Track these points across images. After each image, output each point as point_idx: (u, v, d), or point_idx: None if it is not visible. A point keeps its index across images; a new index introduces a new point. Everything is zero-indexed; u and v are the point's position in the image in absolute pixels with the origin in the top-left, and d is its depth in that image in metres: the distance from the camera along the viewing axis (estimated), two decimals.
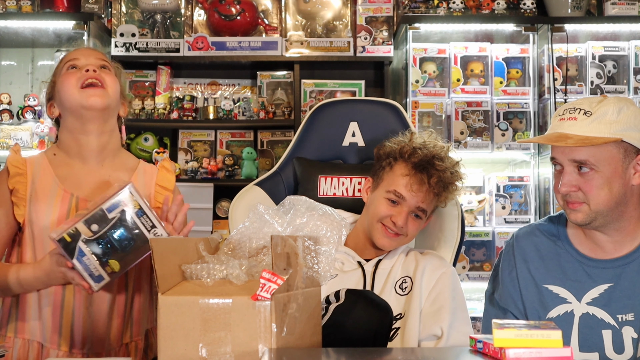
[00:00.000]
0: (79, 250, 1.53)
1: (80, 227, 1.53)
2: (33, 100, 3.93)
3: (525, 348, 1.10)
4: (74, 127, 1.83)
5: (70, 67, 1.84)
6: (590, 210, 1.65)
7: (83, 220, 1.54)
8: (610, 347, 1.69)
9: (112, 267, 1.57)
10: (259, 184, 2.16)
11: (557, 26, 3.79)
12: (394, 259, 1.91)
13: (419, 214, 1.86)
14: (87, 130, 1.83)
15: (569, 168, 1.65)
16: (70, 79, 1.81)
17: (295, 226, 1.37)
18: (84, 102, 1.79)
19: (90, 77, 1.80)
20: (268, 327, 1.19)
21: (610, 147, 1.62)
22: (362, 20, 3.99)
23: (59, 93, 1.84)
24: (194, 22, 4.09)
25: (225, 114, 3.95)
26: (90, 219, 1.55)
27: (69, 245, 1.53)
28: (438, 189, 1.84)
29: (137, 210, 1.57)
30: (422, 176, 1.83)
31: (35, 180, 1.79)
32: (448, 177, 1.85)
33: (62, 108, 1.85)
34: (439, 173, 1.83)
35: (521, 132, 3.89)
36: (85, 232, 1.54)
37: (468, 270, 3.82)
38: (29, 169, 1.80)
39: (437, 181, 1.83)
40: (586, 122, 1.62)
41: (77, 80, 1.80)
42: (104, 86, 1.81)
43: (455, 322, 1.80)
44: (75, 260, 1.54)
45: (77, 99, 1.79)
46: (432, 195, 1.85)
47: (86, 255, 1.54)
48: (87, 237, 1.54)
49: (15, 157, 1.81)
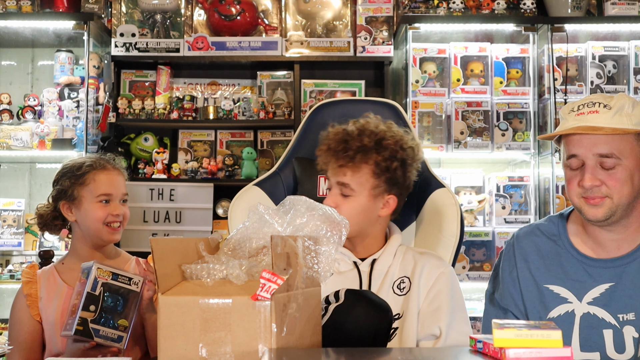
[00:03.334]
0: (93, 330, 1.85)
1: (83, 314, 1.85)
2: (33, 100, 3.93)
3: (525, 348, 1.10)
4: (83, 240, 2.13)
5: (103, 201, 2.10)
6: (613, 204, 1.66)
7: (81, 309, 1.85)
8: (611, 347, 1.69)
9: (123, 325, 1.89)
10: (258, 184, 2.16)
11: (557, 26, 3.79)
12: (390, 258, 1.90)
13: (343, 190, 1.86)
14: (97, 248, 2.14)
15: (592, 162, 1.66)
16: (99, 214, 2.09)
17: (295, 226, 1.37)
18: (105, 237, 2.10)
19: (117, 221, 2.11)
20: (268, 327, 1.18)
21: (631, 138, 1.65)
22: (362, 20, 3.99)
23: (85, 219, 2.10)
24: (194, 22, 4.09)
25: (225, 114, 3.95)
26: (85, 304, 1.85)
27: (84, 332, 1.85)
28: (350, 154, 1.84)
29: (111, 275, 1.90)
30: (334, 152, 1.86)
31: (44, 285, 2.10)
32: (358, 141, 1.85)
33: (82, 226, 2.11)
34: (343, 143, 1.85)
35: (521, 132, 3.89)
36: (89, 315, 1.85)
37: (468, 270, 3.82)
38: (38, 277, 2.11)
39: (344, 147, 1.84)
40: (609, 114, 1.65)
41: (104, 215, 2.09)
42: (123, 224, 2.13)
43: (453, 321, 1.80)
44: (96, 338, 1.86)
45: (100, 233, 2.10)
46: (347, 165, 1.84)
47: (100, 330, 1.86)
48: (92, 318, 1.86)
49: (27, 270, 2.15)
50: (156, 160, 3.89)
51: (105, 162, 2.15)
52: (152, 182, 3.83)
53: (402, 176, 1.87)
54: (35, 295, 2.08)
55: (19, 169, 4.12)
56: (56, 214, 2.15)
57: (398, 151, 1.86)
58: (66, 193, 2.11)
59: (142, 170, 3.89)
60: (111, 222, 2.10)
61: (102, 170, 2.12)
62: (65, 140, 3.81)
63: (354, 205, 1.84)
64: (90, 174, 2.11)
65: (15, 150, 3.84)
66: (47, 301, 2.07)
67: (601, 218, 1.67)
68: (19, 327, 2.08)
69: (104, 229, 2.09)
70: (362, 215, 1.84)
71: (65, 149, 3.79)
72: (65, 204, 2.11)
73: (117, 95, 4.00)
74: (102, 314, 1.87)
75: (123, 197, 2.15)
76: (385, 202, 1.88)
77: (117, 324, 1.89)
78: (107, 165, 2.14)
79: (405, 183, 1.90)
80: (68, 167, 2.15)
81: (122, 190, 2.15)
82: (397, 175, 1.86)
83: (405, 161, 1.88)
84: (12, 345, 2.06)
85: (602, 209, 1.66)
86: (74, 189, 2.10)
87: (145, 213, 3.80)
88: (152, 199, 3.81)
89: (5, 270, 3.75)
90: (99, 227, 2.09)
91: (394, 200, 1.89)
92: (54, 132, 3.85)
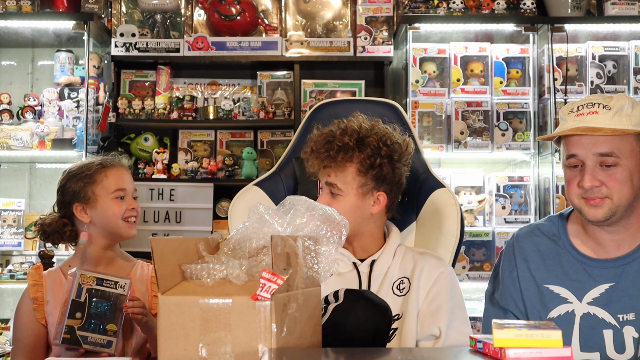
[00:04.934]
0: (81, 337, 1.85)
1: (70, 322, 1.85)
2: (33, 100, 3.93)
3: (525, 348, 1.10)
4: (98, 241, 2.11)
5: (118, 197, 2.11)
6: (612, 204, 1.66)
7: (67, 317, 1.85)
8: (611, 347, 1.69)
9: (112, 329, 1.88)
10: (258, 184, 2.16)
11: (557, 26, 3.79)
12: (389, 259, 1.90)
13: (332, 190, 1.87)
14: (111, 246, 2.15)
15: (592, 163, 1.66)
16: (116, 210, 2.10)
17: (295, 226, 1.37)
18: (123, 233, 2.11)
19: (133, 215, 2.12)
20: (268, 327, 1.18)
21: (631, 139, 1.66)
22: (362, 20, 3.99)
23: (103, 217, 2.09)
24: (194, 22, 4.09)
25: (225, 114, 3.95)
26: (71, 312, 1.85)
27: (71, 340, 1.84)
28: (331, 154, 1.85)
29: (96, 281, 1.89)
30: (317, 154, 1.88)
31: (50, 289, 2.08)
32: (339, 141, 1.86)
33: (100, 225, 2.10)
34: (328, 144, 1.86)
35: (521, 132, 3.89)
36: (75, 323, 1.85)
37: (468, 270, 3.82)
38: (45, 280, 2.09)
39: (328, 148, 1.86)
40: (608, 115, 1.65)
41: (121, 211, 2.10)
42: (137, 218, 2.15)
43: (453, 321, 1.79)
44: (84, 345, 1.85)
45: (119, 229, 2.10)
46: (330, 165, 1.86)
47: (88, 337, 1.85)
48: (79, 325, 1.85)
49: (32, 272, 2.12)
50: (156, 160, 3.89)
51: (113, 159, 2.18)
52: (152, 182, 3.83)
53: (390, 172, 1.87)
54: (42, 298, 2.07)
55: (19, 169, 4.12)
56: (66, 221, 2.13)
57: (382, 147, 1.86)
58: (79, 194, 2.10)
59: (142, 170, 3.89)
60: (128, 217, 2.11)
61: (112, 167, 2.14)
62: (65, 140, 3.81)
63: (343, 204, 1.84)
64: (102, 172, 2.12)
65: (15, 150, 3.84)
66: (53, 305, 2.06)
67: (601, 219, 1.67)
68: (24, 330, 2.07)
69: (123, 225, 2.10)
70: (353, 213, 1.84)
71: (65, 149, 3.79)
72: (79, 206, 2.10)
73: (117, 95, 4.00)
74: (89, 320, 1.86)
75: (134, 192, 2.17)
76: (375, 199, 1.88)
77: (105, 329, 1.88)
78: (115, 162, 2.17)
79: (395, 179, 1.90)
80: (74, 170, 2.15)
81: (133, 186, 2.17)
82: (383, 171, 1.86)
83: (392, 157, 1.87)
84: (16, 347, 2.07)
85: (602, 209, 1.66)
86: (87, 189, 2.10)
87: (145, 213, 3.79)
88: (152, 199, 3.81)
89: (5, 270, 3.74)
90: (118, 223, 2.09)
91: (383, 197, 1.89)
92: (54, 132, 3.85)
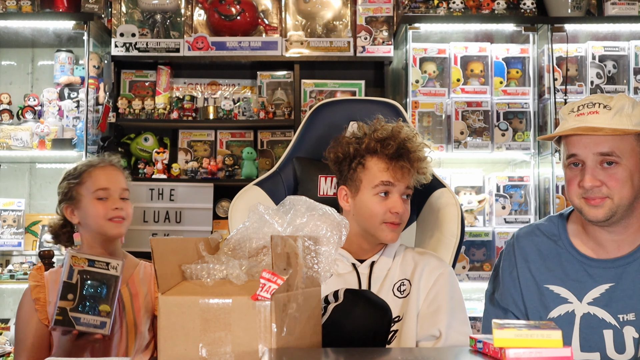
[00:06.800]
0: (74, 319, 1.84)
1: (61, 304, 1.84)
2: (33, 100, 3.93)
3: (525, 348, 1.09)
4: (91, 242, 2.11)
5: (99, 198, 2.08)
6: (613, 204, 1.65)
7: (59, 298, 1.84)
8: (612, 347, 1.69)
9: (105, 310, 1.86)
10: (258, 184, 2.16)
11: (557, 26, 3.79)
12: (390, 260, 1.90)
13: (408, 193, 1.91)
14: (103, 246, 2.12)
15: (592, 163, 1.66)
16: (99, 210, 2.07)
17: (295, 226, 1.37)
18: (110, 232, 2.08)
19: (117, 215, 2.08)
20: (268, 327, 1.18)
21: (631, 139, 1.66)
22: (362, 20, 3.99)
23: (86, 217, 2.09)
24: (194, 22, 4.09)
25: (225, 114, 3.95)
26: (63, 294, 1.84)
27: (64, 321, 1.83)
28: (418, 166, 1.90)
29: (88, 262, 1.88)
30: (402, 163, 1.87)
31: (51, 289, 2.06)
32: (422, 152, 1.92)
33: (85, 227, 2.10)
34: (416, 153, 1.89)
35: (521, 132, 3.89)
36: (67, 305, 1.84)
37: (468, 270, 3.82)
38: (46, 281, 2.08)
39: (416, 160, 1.89)
40: (609, 115, 1.65)
41: (105, 211, 2.07)
42: (125, 217, 2.09)
43: (453, 322, 1.80)
44: (77, 326, 1.83)
45: (103, 229, 2.07)
46: (414, 173, 1.90)
47: (81, 318, 1.84)
48: (71, 306, 1.84)
49: (34, 273, 2.11)
50: (156, 160, 3.88)
51: (101, 159, 2.16)
52: (152, 182, 3.83)
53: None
54: (44, 299, 2.06)
55: (19, 169, 4.12)
56: (63, 222, 2.14)
57: None
58: (67, 195, 2.10)
59: (142, 170, 3.89)
60: (113, 217, 2.07)
61: (97, 167, 2.12)
62: (65, 140, 3.81)
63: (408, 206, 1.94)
64: (86, 172, 2.11)
65: (15, 150, 3.84)
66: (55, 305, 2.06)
67: (602, 219, 1.67)
68: (26, 331, 2.06)
69: (108, 224, 2.07)
70: None
71: (65, 149, 3.79)
72: (67, 207, 2.11)
73: (117, 95, 4.00)
74: (82, 301, 1.84)
75: (122, 192, 2.11)
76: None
77: (98, 310, 1.85)
78: (102, 162, 2.14)
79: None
80: (69, 171, 2.16)
81: (121, 186, 2.12)
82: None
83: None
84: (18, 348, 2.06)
85: (603, 209, 1.66)
86: (72, 190, 2.10)
87: (145, 213, 3.79)
88: (152, 199, 3.81)
89: (5, 270, 3.74)
90: (102, 223, 2.06)
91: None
92: (54, 132, 3.85)
